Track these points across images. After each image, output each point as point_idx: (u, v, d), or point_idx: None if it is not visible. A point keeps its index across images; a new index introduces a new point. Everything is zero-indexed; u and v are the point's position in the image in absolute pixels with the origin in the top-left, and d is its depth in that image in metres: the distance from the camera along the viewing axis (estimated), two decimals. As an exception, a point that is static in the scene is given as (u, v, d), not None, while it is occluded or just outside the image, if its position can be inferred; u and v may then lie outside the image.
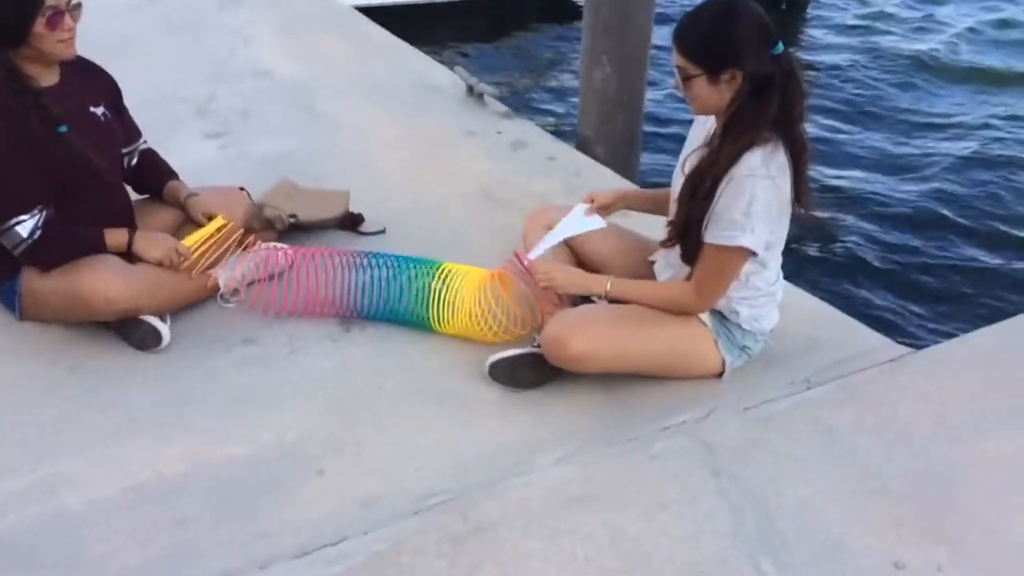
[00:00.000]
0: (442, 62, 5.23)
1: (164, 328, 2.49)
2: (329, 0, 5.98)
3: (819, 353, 2.57)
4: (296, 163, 3.71)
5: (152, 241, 2.55)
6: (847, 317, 2.74)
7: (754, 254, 2.18)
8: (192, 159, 3.69)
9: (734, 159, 2.11)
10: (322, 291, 2.67)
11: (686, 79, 2.12)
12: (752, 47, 2.04)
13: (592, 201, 2.58)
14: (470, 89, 4.41)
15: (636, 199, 2.66)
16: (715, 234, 2.16)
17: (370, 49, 5.12)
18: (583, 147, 3.98)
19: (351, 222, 3.21)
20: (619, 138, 3.92)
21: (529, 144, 3.95)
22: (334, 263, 2.71)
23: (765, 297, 2.37)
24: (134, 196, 2.81)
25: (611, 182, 3.64)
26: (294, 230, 3.05)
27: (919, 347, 2.63)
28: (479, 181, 3.61)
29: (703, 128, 2.33)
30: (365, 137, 3.99)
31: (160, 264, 2.52)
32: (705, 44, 2.07)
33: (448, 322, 2.57)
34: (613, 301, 2.35)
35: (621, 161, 3.91)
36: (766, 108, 2.08)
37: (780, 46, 2.08)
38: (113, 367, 2.47)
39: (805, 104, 2.16)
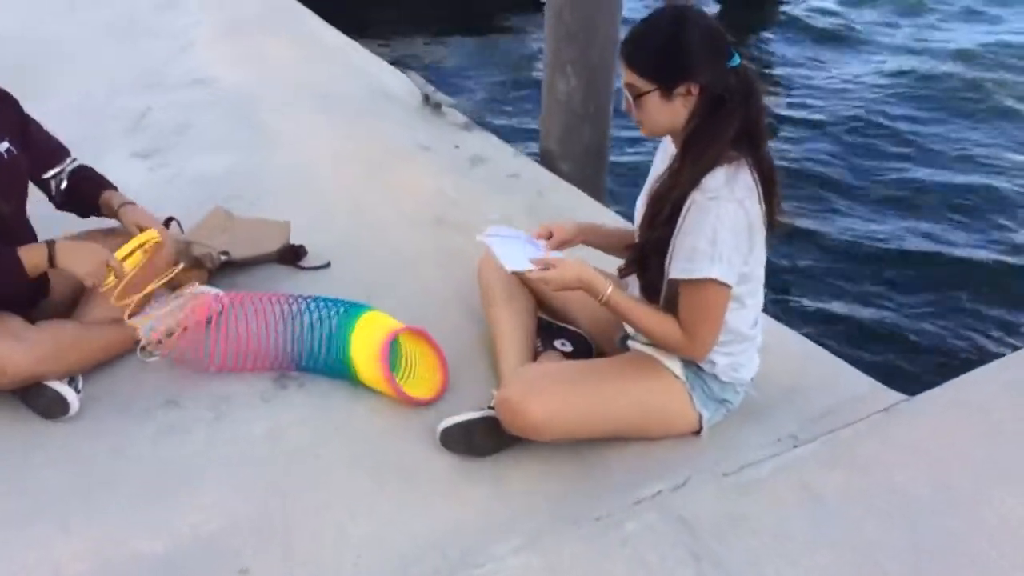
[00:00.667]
0: (399, 61, 4.95)
1: (71, 395, 2.20)
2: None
3: (805, 402, 2.34)
4: (234, 184, 3.42)
5: (78, 254, 2.20)
6: (835, 359, 2.51)
7: (728, 286, 1.94)
8: (120, 182, 3.39)
9: (695, 180, 1.90)
10: (254, 342, 2.40)
11: (637, 97, 1.90)
12: (708, 57, 1.85)
13: (550, 235, 2.32)
14: (426, 98, 4.13)
15: (599, 235, 2.39)
16: (681, 267, 1.92)
17: (320, 52, 4.82)
18: (547, 162, 3.73)
19: (292, 255, 2.93)
20: (585, 153, 3.67)
21: (488, 160, 3.68)
22: (267, 310, 2.44)
23: (745, 342, 2.14)
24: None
25: (577, 203, 3.39)
26: (228, 267, 2.78)
27: (911, 391, 2.41)
28: (433, 203, 3.34)
29: (667, 152, 2.10)
30: (311, 153, 3.71)
31: (88, 282, 2.21)
32: (656, 56, 1.86)
33: (362, 376, 2.34)
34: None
35: (588, 177, 3.66)
36: (727, 124, 1.88)
37: (737, 57, 1.89)
38: (17, 439, 2.18)
39: (767, 120, 1.95)
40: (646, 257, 2.02)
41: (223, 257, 2.71)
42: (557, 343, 2.41)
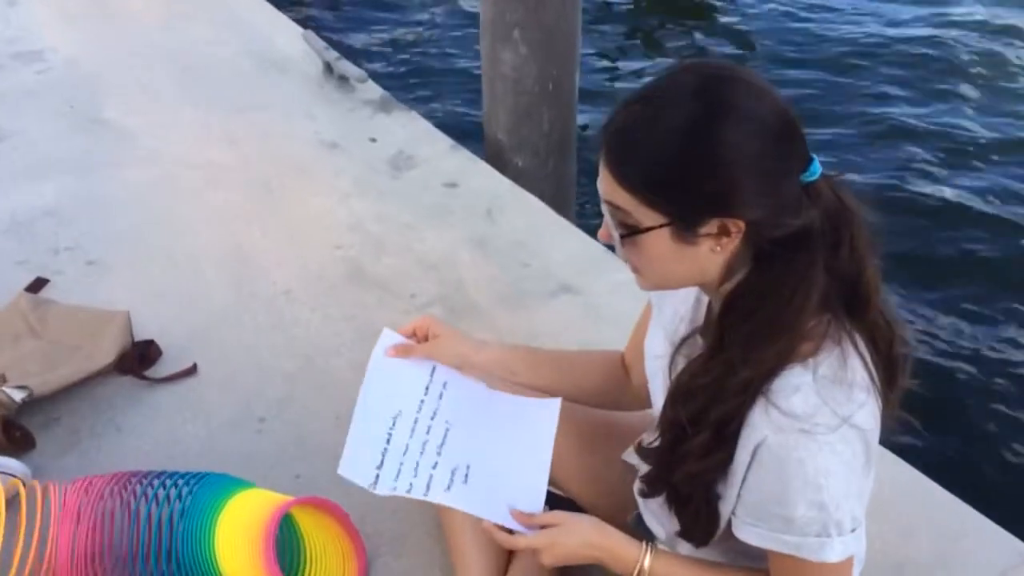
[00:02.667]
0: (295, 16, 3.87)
1: None
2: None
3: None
4: (63, 227, 2.45)
5: None
6: (967, 510, 1.70)
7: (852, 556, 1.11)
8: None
9: (753, 385, 1.00)
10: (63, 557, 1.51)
11: (630, 233, 0.99)
12: (762, 172, 0.94)
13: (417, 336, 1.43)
14: (328, 67, 3.13)
15: (524, 361, 1.46)
16: (771, 539, 1.06)
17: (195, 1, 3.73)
18: (494, 158, 2.80)
19: (138, 361, 2.00)
20: (545, 143, 2.74)
21: (418, 159, 2.74)
22: (90, 501, 1.54)
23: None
24: None
25: (540, 224, 2.49)
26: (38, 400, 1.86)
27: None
28: (346, 245, 2.41)
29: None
30: (172, 166, 2.71)
31: None
32: (667, 170, 0.94)
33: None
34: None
35: (551, 175, 2.76)
36: (804, 284, 0.98)
37: (816, 166, 0.97)
38: None
39: (877, 258, 1.02)
40: (677, 483, 1.15)
41: (22, 397, 1.78)
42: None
